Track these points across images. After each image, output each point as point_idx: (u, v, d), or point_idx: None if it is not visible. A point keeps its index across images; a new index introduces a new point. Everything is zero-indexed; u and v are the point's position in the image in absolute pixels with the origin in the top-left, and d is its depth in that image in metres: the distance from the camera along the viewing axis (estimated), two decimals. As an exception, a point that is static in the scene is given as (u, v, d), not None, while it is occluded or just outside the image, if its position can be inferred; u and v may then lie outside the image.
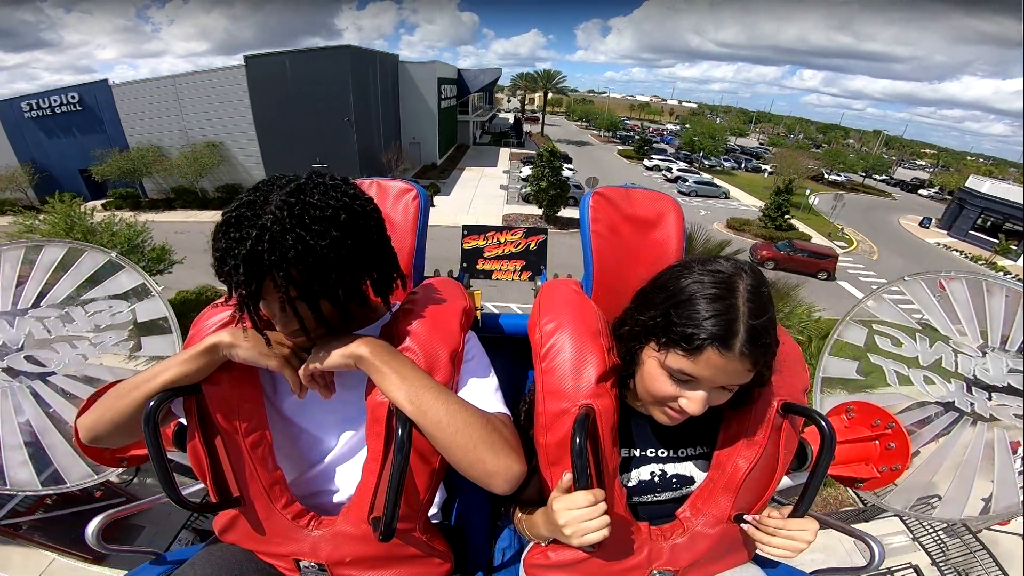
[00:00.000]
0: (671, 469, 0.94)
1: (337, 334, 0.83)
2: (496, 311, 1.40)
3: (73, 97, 22.96)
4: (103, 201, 22.03)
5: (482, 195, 26.71)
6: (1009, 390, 1.26)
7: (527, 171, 25.62)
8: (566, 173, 22.16)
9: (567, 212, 21.98)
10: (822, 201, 28.23)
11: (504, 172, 31.68)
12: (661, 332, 0.76)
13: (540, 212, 22.06)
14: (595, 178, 24.13)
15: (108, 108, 23.24)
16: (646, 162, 40.59)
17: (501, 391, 0.94)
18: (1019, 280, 1.25)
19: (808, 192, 29.24)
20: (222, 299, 0.91)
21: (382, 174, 23.38)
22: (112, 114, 23.31)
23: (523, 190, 24.81)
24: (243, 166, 24.37)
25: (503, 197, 25.96)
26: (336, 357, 0.79)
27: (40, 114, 23.18)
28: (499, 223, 20.96)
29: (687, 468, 0.95)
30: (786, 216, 23.04)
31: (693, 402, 0.75)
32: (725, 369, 0.71)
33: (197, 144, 23.20)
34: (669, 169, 35.82)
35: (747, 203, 30.30)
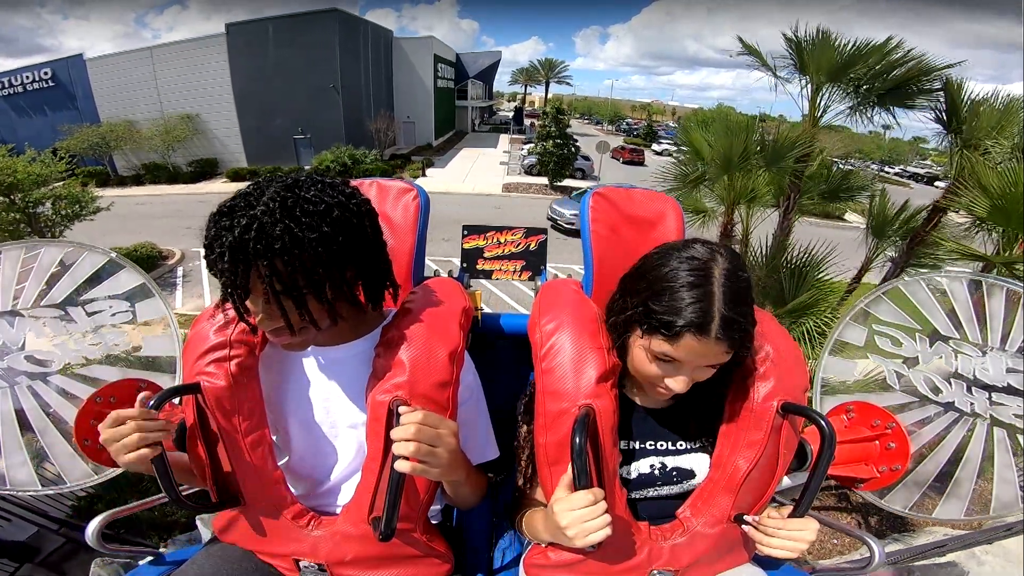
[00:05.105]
0: (671, 462, 0.97)
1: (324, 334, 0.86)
2: (496, 311, 1.44)
3: (46, 73, 22.57)
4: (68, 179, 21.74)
5: (481, 167, 26.34)
6: (1009, 390, 1.30)
7: (529, 147, 25.42)
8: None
9: (572, 183, 21.74)
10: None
11: (504, 152, 31.37)
12: (643, 320, 0.83)
13: (546, 180, 21.84)
14: (606, 142, 23.68)
15: (82, 83, 22.84)
16: (655, 147, 40.70)
17: (503, 393, 0.98)
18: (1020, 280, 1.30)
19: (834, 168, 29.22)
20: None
21: (370, 145, 23.07)
22: (86, 89, 22.91)
23: (525, 161, 24.66)
24: (219, 139, 23.97)
25: (503, 170, 25.68)
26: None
27: (11, 92, 22.77)
28: (499, 192, 20.73)
29: (687, 461, 0.98)
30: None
31: (677, 382, 0.84)
32: (704, 352, 0.79)
33: (171, 116, 22.70)
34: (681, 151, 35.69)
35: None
